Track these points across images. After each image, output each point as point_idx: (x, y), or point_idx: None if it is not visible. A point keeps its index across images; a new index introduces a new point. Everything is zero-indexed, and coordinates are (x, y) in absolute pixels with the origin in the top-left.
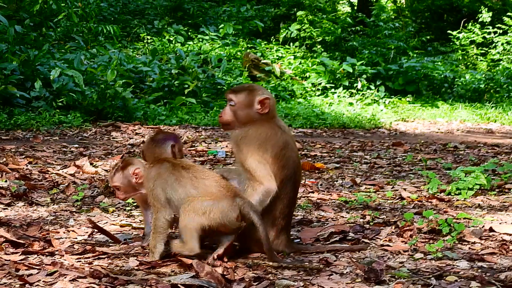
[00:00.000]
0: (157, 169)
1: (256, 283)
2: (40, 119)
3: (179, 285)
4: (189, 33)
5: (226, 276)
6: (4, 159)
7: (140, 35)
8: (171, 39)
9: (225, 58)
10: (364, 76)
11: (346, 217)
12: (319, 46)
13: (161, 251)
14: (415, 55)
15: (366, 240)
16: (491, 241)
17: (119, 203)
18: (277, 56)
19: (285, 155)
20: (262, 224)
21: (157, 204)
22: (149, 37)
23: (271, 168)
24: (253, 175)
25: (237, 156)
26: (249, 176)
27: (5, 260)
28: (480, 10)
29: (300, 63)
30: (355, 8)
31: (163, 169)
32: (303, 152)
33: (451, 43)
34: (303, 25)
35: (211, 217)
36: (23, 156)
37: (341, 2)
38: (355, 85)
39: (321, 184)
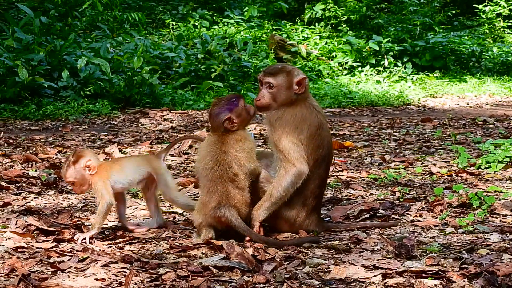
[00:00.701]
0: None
1: (287, 262)
2: (68, 109)
3: (210, 267)
4: (214, 17)
5: (256, 257)
6: (34, 149)
7: (165, 21)
8: (196, 24)
9: (250, 41)
10: (391, 53)
11: (375, 194)
12: (344, 25)
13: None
14: (441, 31)
15: (396, 217)
16: None
17: None
18: (302, 37)
19: (320, 135)
20: None
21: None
22: (174, 23)
23: (305, 149)
24: (286, 156)
25: (271, 136)
26: (282, 157)
27: (37, 248)
28: None
29: (326, 43)
30: None
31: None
32: (332, 132)
33: (477, 17)
34: (327, 4)
35: None
36: (53, 146)
37: None
38: (382, 62)
39: (350, 163)
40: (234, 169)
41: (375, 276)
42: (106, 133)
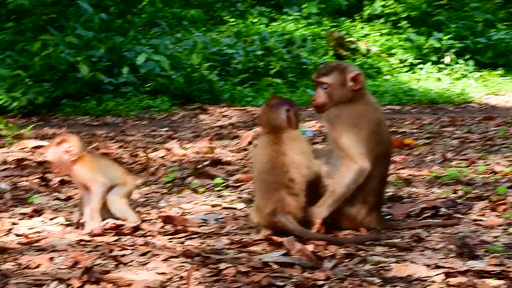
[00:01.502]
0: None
1: (348, 259)
2: (128, 104)
3: (270, 263)
4: (273, 14)
5: (317, 253)
6: (96, 144)
7: (224, 18)
8: (255, 20)
9: (309, 37)
10: (452, 50)
11: (437, 193)
12: (404, 22)
13: None
14: (504, 27)
15: (459, 215)
16: None
17: (209, 183)
18: (362, 33)
19: (380, 132)
20: None
21: None
22: (232, 19)
23: (365, 146)
24: (347, 153)
25: (331, 134)
26: (342, 155)
27: (99, 241)
28: None
29: (386, 40)
30: None
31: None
32: (392, 129)
33: None
34: (387, 1)
35: None
36: (114, 141)
37: None
38: (442, 60)
39: (411, 160)
40: (291, 174)
41: (437, 275)
42: (166, 129)
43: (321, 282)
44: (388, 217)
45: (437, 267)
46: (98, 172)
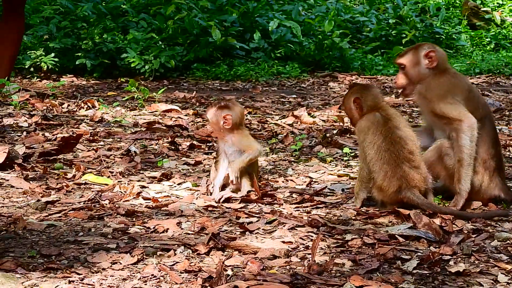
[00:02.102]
0: (367, 121)
1: (475, 235)
2: (259, 70)
3: (396, 235)
4: None
5: (444, 228)
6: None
7: None
8: None
9: (443, 6)
10: None
11: None
12: None
13: (362, 198)
14: None
15: None
16: None
17: (337, 153)
18: (497, 3)
19: (474, 97)
20: None
21: (362, 156)
22: None
23: (464, 107)
24: (450, 117)
25: (426, 108)
26: (446, 121)
27: (226, 208)
28: None
29: None
30: None
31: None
32: None
33: None
34: None
35: None
36: (243, 106)
37: None
38: None
39: None
40: (409, 146)
41: None
42: (295, 96)
43: (447, 257)
44: None
45: None
46: (251, 140)
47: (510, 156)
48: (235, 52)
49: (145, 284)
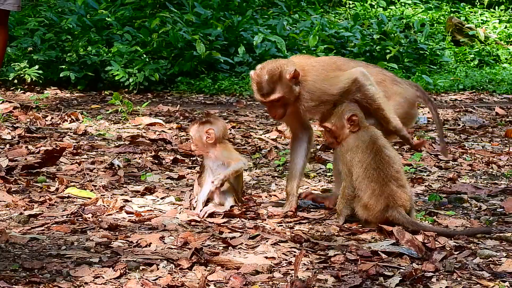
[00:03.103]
0: (357, 140)
1: (457, 252)
2: (243, 84)
3: (379, 252)
4: None
5: (426, 245)
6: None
7: (342, 0)
8: (373, 3)
9: (428, 22)
10: None
11: None
12: None
13: (345, 215)
14: None
15: None
16: None
17: (320, 168)
18: (481, 20)
19: None
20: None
21: (347, 174)
22: (351, 2)
23: None
24: None
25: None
26: None
27: (209, 222)
28: None
29: (505, 27)
30: None
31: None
32: (507, 119)
33: None
34: None
35: None
36: (227, 121)
37: None
38: None
39: None
40: (396, 165)
41: None
42: None
43: (429, 274)
44: (501, 209)
45: None
46: (238, 154)
47: (493, 173)
48: (219, 66)
49: None
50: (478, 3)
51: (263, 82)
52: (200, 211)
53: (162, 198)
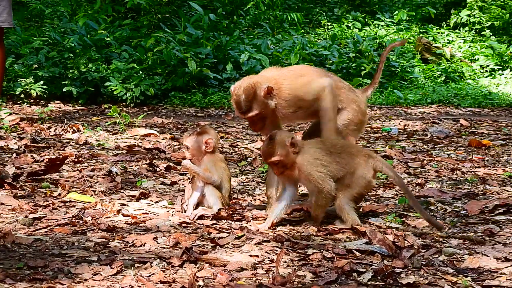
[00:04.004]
0: (308, 154)
1: (424, 250)
2: (231, 98)
3: (353, 250)
4: (366, 20)
5: (396, 243)
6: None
7: (321, 21)
8: (349, 25)
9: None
10: None
11: (510, 191)
12: (487, 31)
13: (321, 218)
14: None
15: None
16: None
17: None
18: (447, 40)
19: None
20: (397, 177)
21: (319, 186)
22: (329, 23)
23: None
24: None
25: None
26: None
27: (199, 224)
28: None
29: (469, 47)
30: None
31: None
32: (471, 130)
33: None
34: (472, 11)
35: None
36: (216, 131)
37: None
38: None
39: (487, 160)
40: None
41: (506, 267)
42: None
43: (399, 270)
44: (464, 212)
45: (507, 260)
46: (217, 169)
47: (458, 179)
48: (209, 81)
49: None
50: (445, 25)
51: (240, 101)
52: (191, 213)
53: (156, 202)
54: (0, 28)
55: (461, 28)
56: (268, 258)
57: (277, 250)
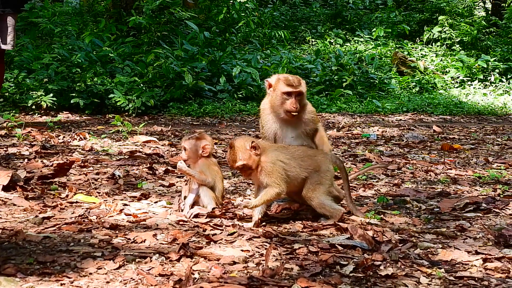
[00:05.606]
0: (270, 157)
1: (401, 244)
2: (224, 108)
3: (336, 245)
4: (347, 36)
5: (376, 238)
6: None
7: (306, 38)
8: (332, 41)
9: (377, 56)
10: (497, 70)
11: (479, 190)
12: (457, 46)
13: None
14: None
15: (497, 210)
16: None
17: None
18: (421, 54)
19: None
20: (345, 170)
21: (277, 181)
22: (313, 40)
23: None
24: None
25: None
26: None
27: (195, 222)
28: None
29: (441, 60)
30: (489, 12)
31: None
32: (443, 135)
33: None
34: (444, 27)
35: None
36: (211, 138)
37: (477, 7)
38: (488, 78)
39: (458, 162)
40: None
41: (476, 260)
42: (253, 129)
43: (378, 263)
44: (437, 209)
45: (477, 253)
46: (211, 172)
47: (431, 180)
48: (204, 93)
49: (125, 286)
50: (419, 41)
51: None
52: (187, 212)
53: (155, 202)
54: (2, 49)
55: (433, 44)
56: (258, 252)
57: (266, 245)
